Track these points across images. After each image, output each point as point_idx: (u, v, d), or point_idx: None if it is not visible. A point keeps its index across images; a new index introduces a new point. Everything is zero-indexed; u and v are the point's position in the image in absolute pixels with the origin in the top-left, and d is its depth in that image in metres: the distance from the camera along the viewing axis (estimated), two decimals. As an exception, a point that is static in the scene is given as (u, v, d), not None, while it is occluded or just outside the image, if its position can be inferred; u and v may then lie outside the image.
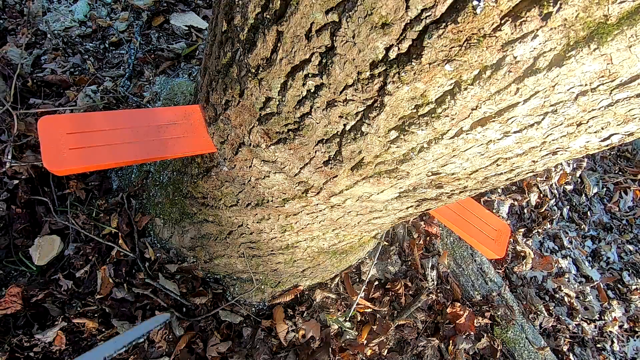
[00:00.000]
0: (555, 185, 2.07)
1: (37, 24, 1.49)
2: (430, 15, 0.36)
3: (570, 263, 1.91)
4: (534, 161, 0.53)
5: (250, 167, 0.71)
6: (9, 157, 1.15)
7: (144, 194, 1.24)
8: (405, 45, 0.39)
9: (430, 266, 1.50)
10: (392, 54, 0.41)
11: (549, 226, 1.94)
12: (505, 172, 0.56)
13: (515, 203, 1.91)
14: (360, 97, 0.47)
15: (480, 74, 0.39)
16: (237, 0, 0.50)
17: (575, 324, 1.74)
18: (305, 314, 1.29)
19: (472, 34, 0.36)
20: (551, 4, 0.32)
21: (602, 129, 0.44)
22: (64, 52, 1.48)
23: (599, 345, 1.73)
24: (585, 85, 0.38)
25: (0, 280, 1.09)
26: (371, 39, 0.40)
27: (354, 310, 1.33)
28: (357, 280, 1.41)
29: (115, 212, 1.23)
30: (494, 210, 1.81)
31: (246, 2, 0.48)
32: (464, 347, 1.39)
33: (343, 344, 1.28)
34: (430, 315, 1.43)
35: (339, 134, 0.53)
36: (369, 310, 1.37)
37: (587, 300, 1.82)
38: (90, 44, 1.54)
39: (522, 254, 1.77)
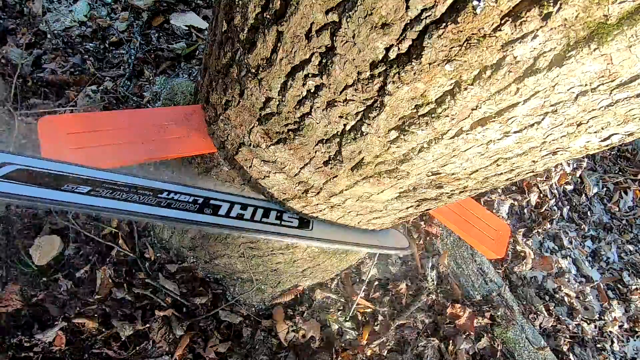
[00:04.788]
0: (555, 185, 2.07)
1: (37, 24, 1.49)
2: (430, 15, 0.36)
3: (570, 263, 1.92)
4: (534, 161, 0.53)
5: (250, 167, 0.71)
6: (9, 157, 1.15)
7: (144, 194, 1.23)
8: (405, 46, 0.39)
9: (430, 266, 1.50)
10: (392, 54, 0.41)
11: (549, 226, 1.94)
12: (505, 172, 0.56)
13: (515, 203, 1.91)
14: (360, 97, 0.47)
15: (480, 74, 0.39)
16: (237, 0, 0.50)
17: (575, 324, 1.74)
18: (305, 314, 1.29)
19: (472, 34, 0.36)
20: (551, 4, 0.32)
21: (602, 129, 0.44)
22: (64, 52, 1.48)
23: (599, 345, 1.73)
24: (586, 85, 0.38)
25: (0, 280, 1.09)
26: (371, 39, 0.40)
27: (354, 310, 1.33)
28: (357, 280, 1.41)
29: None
30: (494, 210, 1.81)
31: (246, 2, 0.48)
32: (464, 347, 1.39)
33: (343, 344, 1.28)
34: (430, 315, 1.43)
35: (339, 134, 0.53)
36: (369, 310, 1.37)
37: (587, 300, 1.82)
38: (91, 44, 1.54)
39: (522, 254, 1.77)
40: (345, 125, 0.52)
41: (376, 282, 1.43)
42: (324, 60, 0.45)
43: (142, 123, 0.70)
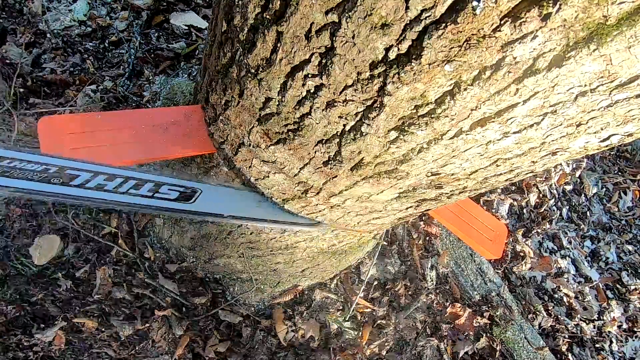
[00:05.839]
0: (555, 185, 2.08)
1: (37, 23, 1.49)
2: (430, 15, 0.36)
3: (569, 263, 1.92)
4: (533, 162, 0.53)
5: (250, 167, 0.71)
6: (9, 156, 1.14)
7: (143, 193, 1.23)
8: (404, 46, 0.39)
9: (429, 266, 1.50)
10: (392, 55, 0.41)
11: (548, 226, 1.94)
12: (504, 173, 0.56)
13: (515, 203, 1.91)
14: (360, 98, 0.47)
15: (480, 74, 0.39)
16: (237, 1, 0.50)
17: (574, 324, 1.74)
18: (304, 314, 1.29)
19: (472, 34, 0.36)
20: (550, 5, 0.32)
21: (602, 129, 0.44)
22: (63, 51, 1.47)
23: (597, 345, 1.73)
24: (585, 85, 0.38)
25: (0, 280, 1.09)
26: (371, 40, 0.40)
27: (353, 310, 1.33)
28: (357, 280, 1.41)
29: (115, 212, 1.23)
30: (494, 210, 1.81)
31: (246, 2, 0.48)
32: (463, 347, 1.39)
33: (342, 344, 1.28)
34: (430, 315, 1.43)
35: (338, 134, 0.54)
36: (369, 310, 1.37)
37: (586, 300, 1.83)
38: (90, 44, 1.53)
39: (522, 254, 1.77)
40: (345, 125, 0.52)
41: (375, 282, 1.43)
42: (323, 61, 0.45)
43: (141, 123, 0.70)
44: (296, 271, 1.15)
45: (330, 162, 0.59)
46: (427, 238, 1.57)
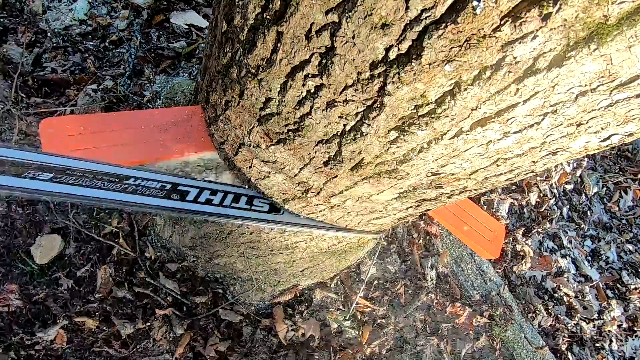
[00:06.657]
0: (555, 184, 2.07)
1: (38, 22, 1.49)
2: (430, 15, 0.36)
3: (569, 262, 1.92)
4: (533, 161, 0.53)
5: (250, 167, 0.71)
6: (10, 156, 1.15)
7: (144, 193, 1.23)
8: (405, 46, 0.39)
9: (429, 266, 1.50)
10: (392, 55, 0.41)
11: (548, 226, 1.94)
12: (505, 173, 0.56)
13: (515, 202, 1.91)
14: (360, 98, 0.47)
15: (480, 74, 0.39)
16: (237, 1, 0.50)
17: (574, 324, 1.74)
18: (305, 313, 1.30)
19: (472, 34, 0.36)
20: (551, 5, 0.32)
21: (602, 129, 0.44)
22: (64, 50, 1.47)
23: (597, 345, 1.73)
24: (585, 85, 0.38)
25: (0, 279, 1.09)
26: (371, 40, 0.40)
27: (353, 309, 1.33)
28: (357, 279, 1.41)
29: (116, 211, 1.23)
30: (494, 210, 1.81)
31: (246, 2, 0.48)
32: (463, 347, 1.39)
33: (343, 343, 1.28)
34: (430, 315, 1.43)
35: (338, 134, 0.54)
36: (369, 309, 1.37)
37: (586, 299, 1.83)
38: (91, 43, 1.53)
39: (522, 253, 1.77)
40: (345, 125, 0.52)
41: (375, 282, 1.43)
42: (323, 61, 0.45)
43: (142, 124, 0.70)
44: (296, 271, 1.15)
45: (330, 162, 0.59)
46: (427, 237, 1.57)
